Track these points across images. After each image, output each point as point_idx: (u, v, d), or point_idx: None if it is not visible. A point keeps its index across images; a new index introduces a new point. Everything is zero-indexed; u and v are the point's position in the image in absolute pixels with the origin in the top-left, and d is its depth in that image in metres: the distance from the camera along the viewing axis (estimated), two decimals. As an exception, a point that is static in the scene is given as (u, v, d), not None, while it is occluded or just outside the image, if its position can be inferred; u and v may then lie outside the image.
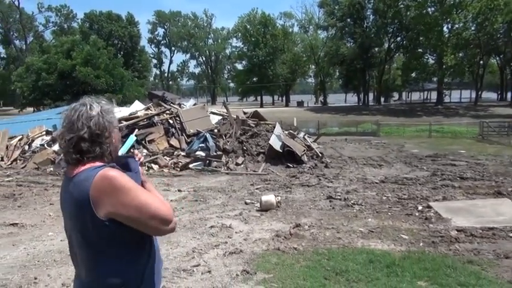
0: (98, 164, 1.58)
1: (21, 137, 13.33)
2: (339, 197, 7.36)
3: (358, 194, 7.66)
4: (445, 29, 44.86)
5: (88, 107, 1.62)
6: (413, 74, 51.70)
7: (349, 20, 52.96)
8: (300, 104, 62.80)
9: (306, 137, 14.15)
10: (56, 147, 11.97)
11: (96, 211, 1.52)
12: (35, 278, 4.15)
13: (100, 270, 1.60)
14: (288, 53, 63.71)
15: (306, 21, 65.28)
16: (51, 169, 10.99)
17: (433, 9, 44.65)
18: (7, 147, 12.71)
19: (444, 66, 43.01)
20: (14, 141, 13.00)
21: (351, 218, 6.07)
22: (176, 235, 5.41)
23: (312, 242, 5.04)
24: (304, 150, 11.96)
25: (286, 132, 13.08)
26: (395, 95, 75.29)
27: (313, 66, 68.07)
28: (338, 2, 53.07)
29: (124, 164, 1.72)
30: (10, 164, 11.94)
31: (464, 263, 4.22)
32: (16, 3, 65.38)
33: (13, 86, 43.04)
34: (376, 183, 8.71)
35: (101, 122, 1.61)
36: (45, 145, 12.44)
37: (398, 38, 53.66)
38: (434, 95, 56.41)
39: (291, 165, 10.96)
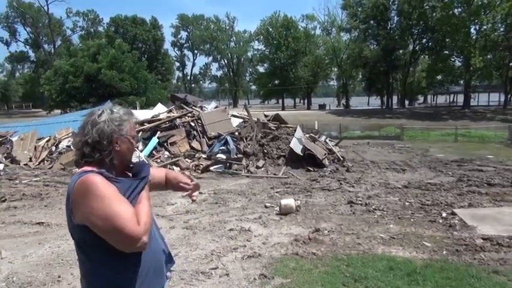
0: (89, 168, 1.59)
1: (48, 138, 13.75)
2: (360, 202, 7.25)
3: (380, 199, 7.53)
4: (472, 30, 43.77)
5: (99, 113, 1.67)
6: (439, 77, 50.50)
7: (372, 21, 52.29)
8: (321, 107, 62.37)
9: (327, 140, 14.05)
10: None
11: (73, 214, 1.54)
12: (59, 277, 4.26)
13: (89, 277, 1.61)
14: (310, 56, 63.42)
15: (329, 23, 64.84)
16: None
17: (459, 10, 43.59)
18: (35, 148, 13.13)
19: (471, 69, 41.88)
20: (42, 143, 13.42)
21: (372, 223, 5.97)
22: (196, 237, 5.46)
23: (331, 247, 4.98)
24: (326, 154, 11.86)
25: (307, 135, 13.01)
26: (420, 98, 73.76)
27: (335, 69, 67.52)
28: (361, 3, 52.51)
29: (134, 170, 1.75)
30: (38, 164, 12.32)
31: (489, 273, 4.08)
32: (45, 8, 67.77)
33: (41, 88, 44.51)
34: (399, 188, 8.54)
35: (105, 129, 1.62)
36: (71, 146, 12.79)
37: (424, 40, 52.58)
38: (460, 98, 54.96)
39: (312, 169, 10.89)
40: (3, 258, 4.84)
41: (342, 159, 11.99)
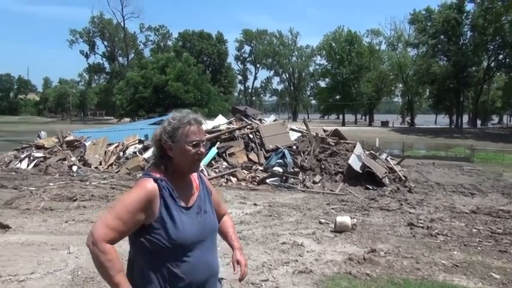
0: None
1: (117, 144, 14.68)
2: (421, 225, 6.87)
3: (444, 224, 7.07)
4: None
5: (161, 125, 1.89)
6: (516, 96, 46.77)
7: (442, 36, 49.77)
8: (384, 123, 60.37)
9: (388, 158, 13.52)
10: (146, 155, 12.97)
11: None
12: (118, 275, 4.48)
13: (130, 258, 1.83)
14: (373, 71, 61.91)
15: (395, 38, 63.01)
16: (141, 175, 11.88)
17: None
18: (105, 153, 14.08)
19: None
20: (111, 148, 14.37)
21: (434, 248, 5.62)
22: (248, 248, 5.49)
23: (387, 269, 4.76)
24: (386, 173, 11.41)
25: (367, 152, 12.62)
26: (495, 118, 68.63)
27: (400, 85, 65.15)
28: (431, 18, 50.39)
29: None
30: (107, 168, 13.19)
31: None
32: (122, 24, 73.11)
33: (114, 97, 47.87)
34: (466, 213, 7.96)
35: (157, 139, 1.82)
36: (137, 153, 13.56)
37: (500, 56, 49.05)
38: (542, 120, 50.33)
39: (371, 187, 10.53)
40: (71, 253, 5.21)
41: (403, 178, 11.46)
